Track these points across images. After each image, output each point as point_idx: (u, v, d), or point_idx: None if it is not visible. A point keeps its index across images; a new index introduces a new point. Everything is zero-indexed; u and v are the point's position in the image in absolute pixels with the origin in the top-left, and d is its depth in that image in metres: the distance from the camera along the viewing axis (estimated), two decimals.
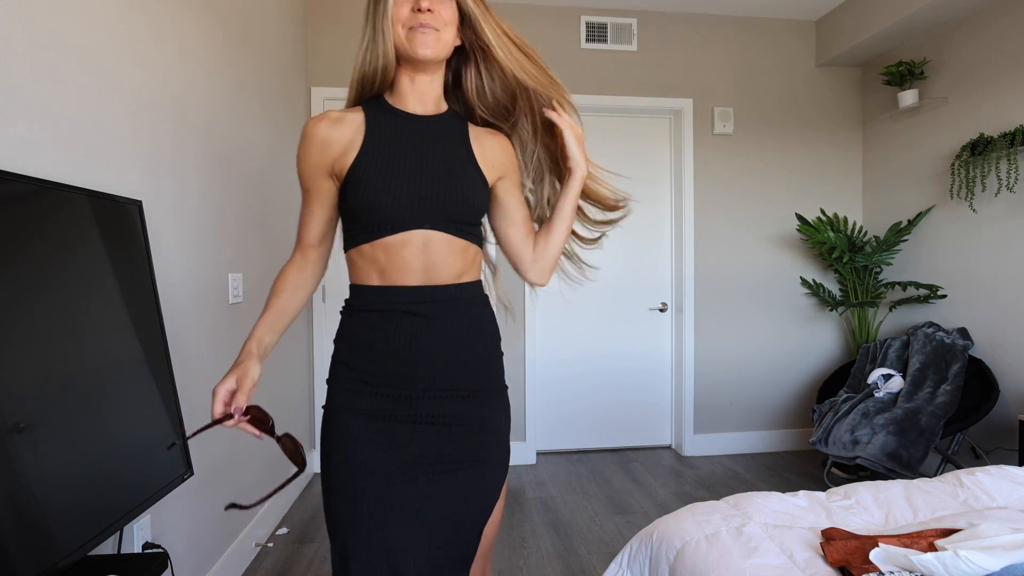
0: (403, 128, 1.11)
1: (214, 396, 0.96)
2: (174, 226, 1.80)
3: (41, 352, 1.05)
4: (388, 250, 1.07)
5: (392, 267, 1.07)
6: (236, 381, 0.97)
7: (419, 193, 1.06)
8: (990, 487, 1.65)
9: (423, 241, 1.07)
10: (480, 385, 1.13)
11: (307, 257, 1.16)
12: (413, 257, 1.07)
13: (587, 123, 3.63)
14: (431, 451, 1.07)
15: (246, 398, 0.97)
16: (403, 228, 1.06)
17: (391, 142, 1.09)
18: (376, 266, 1.08)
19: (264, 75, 2.61)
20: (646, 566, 1.44)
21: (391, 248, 1.06)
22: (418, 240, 1.07)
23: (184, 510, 1.82)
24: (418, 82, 1.13)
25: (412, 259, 1.07)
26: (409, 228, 1.06)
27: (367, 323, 1.09)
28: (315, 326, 3.38)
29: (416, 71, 1.11)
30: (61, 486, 1.05)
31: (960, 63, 3.12)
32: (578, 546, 2.48)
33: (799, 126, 3.78)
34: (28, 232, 1.06)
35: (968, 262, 3.09)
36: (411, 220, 1.06)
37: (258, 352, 1.03)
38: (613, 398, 3.75)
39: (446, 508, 1.06)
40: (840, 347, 3.84)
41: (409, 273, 1.07)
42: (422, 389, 1.07)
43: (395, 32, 1.06)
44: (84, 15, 1.40)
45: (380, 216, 1.05)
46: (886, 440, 2.67)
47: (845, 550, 1.24)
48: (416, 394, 1.07)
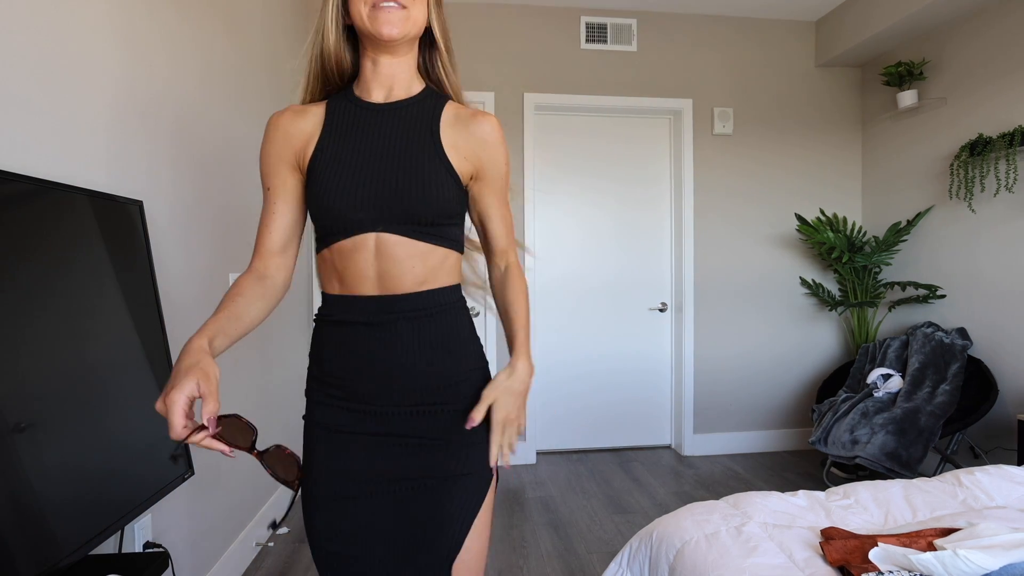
0: (361, 119, 1.00)
1: (169, 409, 0.76)
2: (174, 226, 1.80)
3: (42, 352, 1.06)
4: (343, 256, 0.97)
5: (348, 274, 0.97)
6: (197, 385, 0.77)
7: (371, 191, 0.95)
8: (989, 487, 1.65)
9: (375, 245, 0.96)
10: (449, 401, 1.01)
11: (267, 266, 1.01)
12: (366, 264, 0.96)
13: (587, 123, 3.67)
14: (395, 469, 0.99)
15: (216, 403, 0.79)
16: (355, 231, 0.95)
17: (347, 135, 0.99)
18: (335, 273, 0.99)
19: (264, 75, 2.61)
20: (646, 565, 1.44)
21: (345, 253, 0.97)
22: (370, 244, 0.96)
23: (184, 510, 1.82)
24: (381, 65, 1.00)
25: (365, 266, 0.96)
26: (361, 231, 0.95)
27: (328, 335, 1.01)
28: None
29: (379, 53, 0.99)
30: (62, 485, 1.05)
31: (959, 63, 3.13)
32: (578, 546, 2.49)
33: (799, 126, 3.78)
34: (28, 232, 1.06)
35: (967, 262, 3.10)
36: (363, 222, 0.95)
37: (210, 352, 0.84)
38: (613, 398, 3.75)
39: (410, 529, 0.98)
40: (839, 347, 3.84)
41: (364, 281, 0.97)
42: (385, 405, 0.99)
43: (355, 9, 0.95)
44: (84, 15, 1.40)
45: (331, 218, 0.96)
46: (885, 440, 2.67)
47: (844, 549, 1.25)
48: (379, 409, 0.99)
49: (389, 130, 0.99)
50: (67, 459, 1.07)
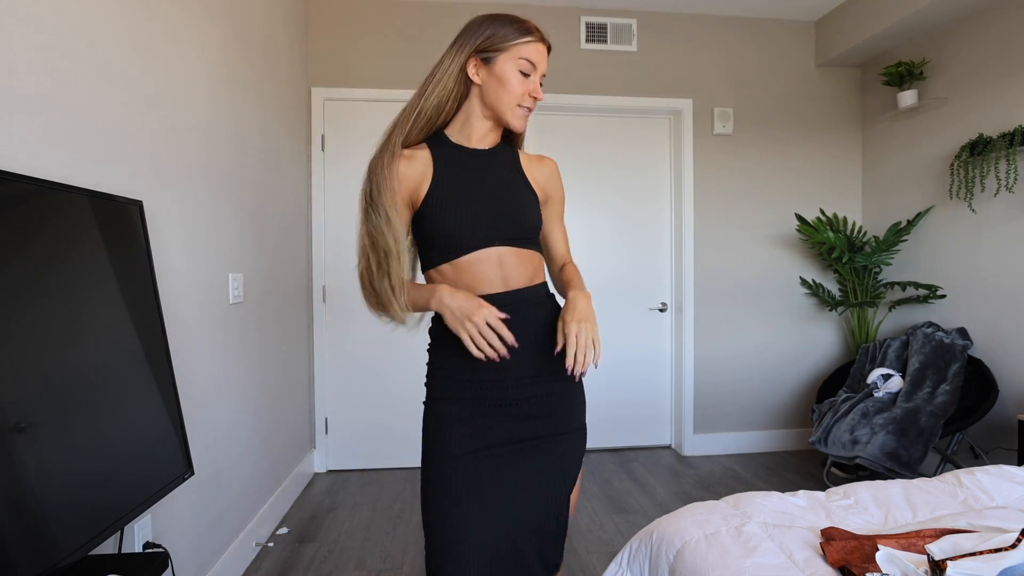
0: (469, 162, 1.28)
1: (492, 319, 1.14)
2: (174, 226, 1.80)
3: (42, 352, 1.05)
4: (469, 267, 1.23)
5: (477, 281, 1.23)
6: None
7: (488, 217, 1.23)
8: (989, 487, 1.65)
9: (497, 256, 1.24)
10: (558, 369, 1.26)
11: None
12: (492, 271, 1.24)
13: (587, 123, 3.67)
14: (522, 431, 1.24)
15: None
16: (478, 247, 1.23)
17: (459, 174, 1.26)
18: (460, 282, 1.24)
19: (265, 75, 2.61)
20: (646, 566, 1.44)
21: (469, 265, 1.23)
22: (493, 256, 1.24)
23: (184, 510, 1.82)
24: (474, 121, 1.29)
25: (491, 272, 1.24)
26: (483, 247, 1.23)
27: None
28: (315, 327, 3.38)
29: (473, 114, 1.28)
30: (62, 486, 1.05)
31: (959, 63, 3.13)
32: (578, 546, 2.49)
33: (798, 126, 3.78)
34: (29, 232, 1.06)
35: (967, 262, 3.10)
36: (484, 240, 1.23)
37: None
38: (613, 398, 3.75)
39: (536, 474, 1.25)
40: (839, 347, 3.84)
41: (489, 284, 1.24)
42: (512, 378, 1.23)
43: (503, 100, 1.24)
44: (84, 15, 1.40)
45: (456, 238, 1.22)
46: (885, 440, 2.67)
47: (845, 550, 1.25)
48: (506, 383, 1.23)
49: (492, 170, 1.29)
50: (67, 459, 1.07)
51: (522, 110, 1.27)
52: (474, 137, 1.30)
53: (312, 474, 3.35)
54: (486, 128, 1.30)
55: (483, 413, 1.24)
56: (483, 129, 1.30)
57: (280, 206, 2.80)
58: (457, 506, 1.19)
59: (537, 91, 1.26)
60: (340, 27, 3.37)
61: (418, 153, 1.27)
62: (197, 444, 1.85)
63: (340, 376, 3.43)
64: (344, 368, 3.43)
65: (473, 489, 1.20)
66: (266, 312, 2.59)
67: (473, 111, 1.29)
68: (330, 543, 2.53)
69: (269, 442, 2.62)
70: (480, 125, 1.29)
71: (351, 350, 3.44)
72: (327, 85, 3.36)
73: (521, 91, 1.24)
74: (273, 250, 2.69)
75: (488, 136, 1.31)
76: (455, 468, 1.20)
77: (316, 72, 3.36)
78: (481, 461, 1.21)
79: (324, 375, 3.41)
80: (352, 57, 3.39)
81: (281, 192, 2.81)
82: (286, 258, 2.92)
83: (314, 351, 3.39)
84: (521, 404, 1.25)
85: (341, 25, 3.37)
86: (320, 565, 2.34)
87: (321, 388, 3.40)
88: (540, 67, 1.26)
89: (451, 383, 1.25)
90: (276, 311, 2.74)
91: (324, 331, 3.39)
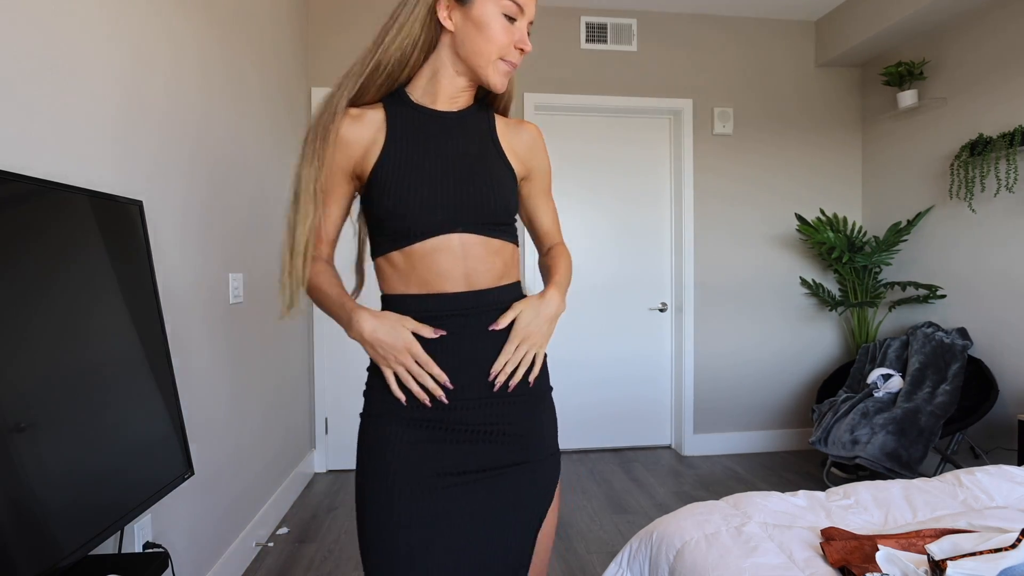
0: (429, 126, 1.03)
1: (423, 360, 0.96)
2: (174, 226, 1.80)
3: (42, 352, 1.05)
4: (423, 257, 0.99)
5: (432, 274, 0.99)
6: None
7: (449, 195, 0.99)
8: (989, 487, 1.65)
9: (460, 245, 1.00)
10: (523, 389, 1.05)
11: (330, 256, 1.08)
12: (452, 263, 0.99)
13: (587, 123, 3.67)
14: (474, 458, 1.00)
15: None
16: (435, 233, 0.99)
17: (417, 142, 1.02)
18: (413, 274, 1.00)
19: (264, 74, 2.61)
20: (646, 566, 1.44)
21: (423, 254, 0.99)
22: (455, 245, 0.99)
23: (184, 510, 1.82)
24: (458, 84, 1.05)
25: (451, 265, 0.99)
26: (442, 232, 0.99)
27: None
28: (315, 327, 3.38)
29: (470, 83, 1.06)
30: (62, 486, 1.05)
31: (959, 63, 3.13)
32: (578, 545, 2.49)
33: (799, 126, 3.78)
34: (28, 232, 1.06)
35: (967, 262, 3.10)
36: (443, 224, 0.99)
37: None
38: (613, 398, 3.75)
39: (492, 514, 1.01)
40: (839, 347, 3.84)
41: (449, 280, 1.00)
42: (473, 398, 1.00)
43: (481, 51, 1.00)
44: (83, 15, 1.40)
45: (409, 221, 0.98)
46: (885, 440, 2.67)
47: (845, 550, 1.25)
48: (459, 404, 1.00)
49: (458, 138, 1.04)
50: (67, 459, 1.07)
51: (505, 64, 1.01)
52: (441, 97, 1.05)
53: (312, 474, 3.35)
54: (457, 87, 1.05)
55: (432, 438, 1.00)
56: (453, 88, 1.05)
57: (281, 205, 2.80)
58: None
59: (524, 41, 1.01)
60: (340, 26, 3.37)
61: (368, 113, 1.03)
62: (197, 444, 1.85)
63: (340, 376, 3.43)
64: (344, 368, 3.43)
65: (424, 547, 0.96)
66: (266, 312, 2.59)
67: (442, 65, 1.03)
68: (330, 543, 2.53)
69: (269, 442, 2.62)
70: (449, 84, 1.04)
71: (351, 350, 3.44)
72: (327, 84, 3.36)
73: (505, 40, 0.99)
74: (273, 250, 2.69)
75: (460, 97, 1.06)
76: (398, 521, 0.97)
77: (316, 71, 3.36)
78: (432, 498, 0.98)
79: (324, 375, 3.41)
80: (352, 56, 3.37)
81: (282, 192, 2.81)
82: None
83: (314, 351, 3.39)
84: (479, 428, 1.01)
85: (341, 24, 3.37)
86: (320, 565, 2.34)
87: (321, 388, 3.40)
88: (528, 11, 1.01)
89: (395, 397, 1.00)
90: (276, 311, 2.74)
91: (324, 331, 3.39)
